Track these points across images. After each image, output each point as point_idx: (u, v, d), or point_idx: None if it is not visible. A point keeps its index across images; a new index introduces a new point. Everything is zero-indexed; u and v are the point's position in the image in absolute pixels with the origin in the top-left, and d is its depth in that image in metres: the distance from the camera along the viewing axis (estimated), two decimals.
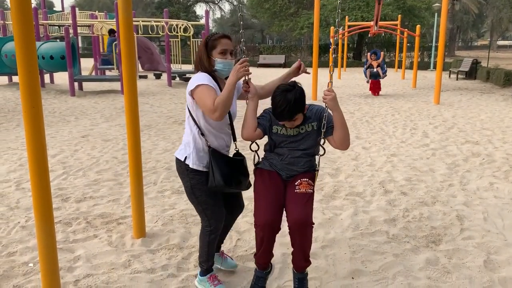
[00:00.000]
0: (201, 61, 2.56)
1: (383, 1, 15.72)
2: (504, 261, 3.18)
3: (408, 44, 25.46)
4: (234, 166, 2.62)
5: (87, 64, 20.08)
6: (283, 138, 2.59)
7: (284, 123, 2.52)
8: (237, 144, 2.70)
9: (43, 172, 2.35)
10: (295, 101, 2.38)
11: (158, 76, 19.31)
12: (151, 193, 4.57)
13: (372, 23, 15.47)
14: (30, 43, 2.18)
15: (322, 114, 2.55)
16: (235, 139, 2.72)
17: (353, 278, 2.95)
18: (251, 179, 2.68)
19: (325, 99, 2.46)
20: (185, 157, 2.59)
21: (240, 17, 2.68)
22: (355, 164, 5.68)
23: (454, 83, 17.77)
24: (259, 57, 33.14)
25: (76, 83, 13.56)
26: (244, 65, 2.41)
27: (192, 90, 2.45)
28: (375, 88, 13.33)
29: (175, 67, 17.98)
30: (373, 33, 16.20)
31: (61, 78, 16.53)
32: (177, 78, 18.30)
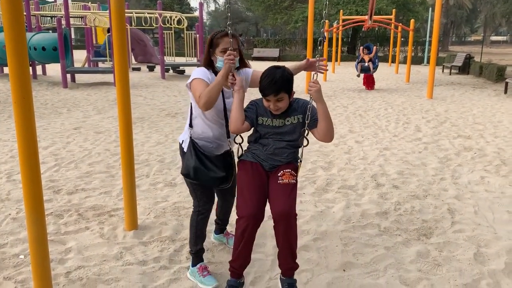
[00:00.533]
0: (204, 56, 2.70)
1: None
2: (494, 254, 3.21)
3: (402, 39, 25.46)
4: (207, 161, 2.65)
5: (80, 56, 19.90)
6: (268, 129, 2.57)
7: (269, 105, 2.47)
8: (231, 141, 2.73)
9: (33, 163, 2.33)
10: (282, 76, 2.43)
11: (151, 69, 19.20)
12: (143, 185, 4.55)
13: (366, 17, 15.45)
14: (20, 33, 2.14)
15: (306, 108, 2.56)
16: (229, 136, 2.73)
17: (344, 271, 2.97)
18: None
19: (310, 90, 2.48)
20: (183, 140, 2.82)
21: (227, 9, 2.54)
22: (347, 157, 5.69)
23: (447, 77, 17.84)
24: (253, 50, 33.03)
25: (68, 75, 13.44)
26: (230, 58, 2.45)
27: (189, 84, 2.64)
28: (369, 82, 13.35)
29: (168, 59, 17.87)
30: (367, 27, 16.19)
31: (54, 69, 16.39)
32: (171, 71, 18.20)
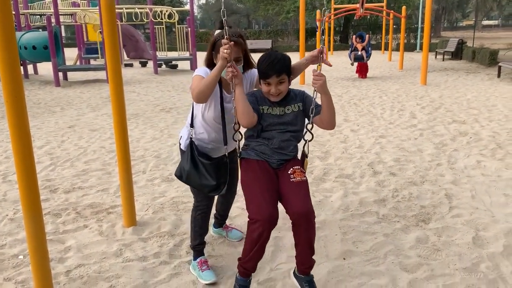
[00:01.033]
0: (206, 57, 2.64)
1: None
2: (492, 237, 3.23)
3: (394, 26, 25.43)
4: (201, 167, 2.59)
5: (71, 54, 19.76)
6: (270, 119, 2.48)
7: (269, 89, 2.39)
8: (228, 148, 2.68)
9: (28, 162, 2.31)
10: (282, 57, 2.41)
11: (144, 64, 19.08)
12: (140, 181, 4.54)
13: (358, 5, 15.40)
14: (9, 32, 2.11)
15: (305, 97, 2.55)
16: (226, 143, 2.67)
17: (344, 259, 2.97)
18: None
19: (315, 83, 2.38)
20: (181, 136, 2.82)
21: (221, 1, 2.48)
22: (344, 146, 5.70)
23: (441, 63, 17.86)
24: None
25: (60, 73, 13.34)
26: (226, 48, 2.31)
27: (191, 83, 2.57)
28: (362, 70, 13.35)
29: (160, 54, 17.76)
30: (359, 15, 16.16)
31: (45, 68, 16.25)
32: (163, 66, 18.10)
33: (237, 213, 3.73)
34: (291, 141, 2.53)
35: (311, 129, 2.53)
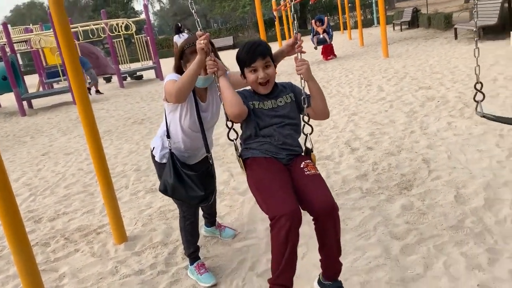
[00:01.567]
0: (175, 65, 2.56)
1: None
2: (472, 192, 3.36)
3: (350, 4, 25.72)
4: (187, 179, 2.53)
5: (32, 81, 19.27)
6: (264, 114, 2.32)
7: (256, 76, 2.27)
8: (211, 156, 2.65)
9: (7, 197, 2.28)
10: (261, 41, 2.32)
11: (108, 80, 18.79)
12: (124, 197, 4.51)
13: None
14: None
15: (294, 87, 2.44)
16: (208, 151, 2.64)
17: None
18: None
19: (299, 69, 2.25)
20: (154, 147, 2.78)
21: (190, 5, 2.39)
22: (319, 129, 5.78)
23: (399, 34, 18.19)
24: None
25: (25, 102, 13.01)
26: (202, 39, 2.18)
27: (163, 89, 2.47)
28: (327, 52, 13.50)
29: (124, 67, 17.52)
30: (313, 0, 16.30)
31: (8, 99, 15.79)
32: (129, 78, 17.87)
33: (225, 211, 3.76)
34: (294, 135, 2.37)
35: (308, 120, 2.36)
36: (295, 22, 2.37)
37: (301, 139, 2.45)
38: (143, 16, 16.79)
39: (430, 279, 2.46)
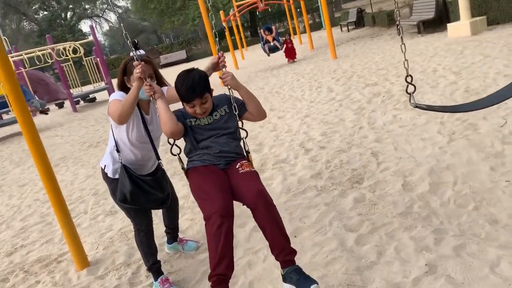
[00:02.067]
0: (118, 83, 2.73)
1: None
2: (418, 179, 3.55)
3: (298, 10, 26.30)
4: (144, 184, 2.65)
5: None
6: (201, 130, 2.51)
7: (195, 110, 2.43)
8: (161, 163, 2.77)
9: None
10: (200, 77, 2.42)
11: (60, 105, 18.33)
12: (84, 222, 4.45)
13: None
14: None
15: (227, 98, 2.60)
16: (158, 158, 2.77)
17: (295, 237, 3.14)
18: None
19: (225, 81, 2.49)
20: (105, 165, 2.81)
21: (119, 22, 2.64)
22: (274, 134, 5.91)
23: (346, 35, 18.77)
24: (159, 58, 32.56)
25: None
26: (139, 69, 2.40)
27: (108, 109, 2.61)
28: (291, 53, 13.73)
29: (76, 91, 17.15)
30: (261, 8, 16.59)
31: None
32: (81, 102, 17.51)
33: (186, 225, 3.79)
34: (230, 142, 2.55)
35: (242, 126, 2.60)
36: (216, 39, 2.74)
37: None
38: (91, 37, 16.51)
39: (383, 265, 2.60)
